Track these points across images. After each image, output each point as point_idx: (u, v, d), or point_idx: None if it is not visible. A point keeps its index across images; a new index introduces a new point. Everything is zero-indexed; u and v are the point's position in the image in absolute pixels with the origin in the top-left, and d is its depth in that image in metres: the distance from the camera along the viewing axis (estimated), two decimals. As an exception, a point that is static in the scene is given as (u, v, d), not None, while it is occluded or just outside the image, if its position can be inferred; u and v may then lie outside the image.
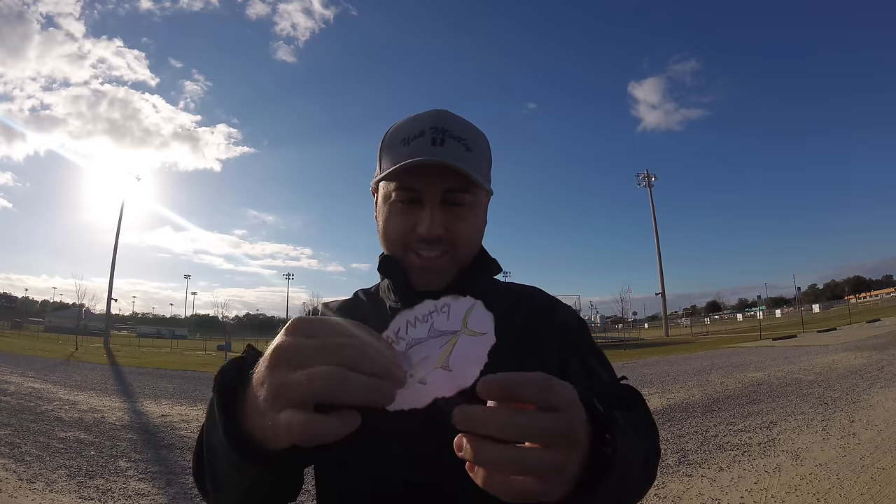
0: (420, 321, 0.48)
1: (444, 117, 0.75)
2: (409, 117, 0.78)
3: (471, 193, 0.74)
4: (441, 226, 0.72)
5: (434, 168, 0.70)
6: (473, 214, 0.77)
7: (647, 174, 54.80)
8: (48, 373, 14.43)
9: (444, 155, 0.70)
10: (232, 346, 37.42)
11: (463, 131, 0.75)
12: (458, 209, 0.74)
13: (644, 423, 0.70)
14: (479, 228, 0.80)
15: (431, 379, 0.45)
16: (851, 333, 19.90)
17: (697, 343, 26.84)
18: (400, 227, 0.75)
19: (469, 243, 0.77)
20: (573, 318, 0.86)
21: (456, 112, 0.78)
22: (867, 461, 4.28)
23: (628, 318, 68.88)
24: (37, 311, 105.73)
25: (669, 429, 6.19)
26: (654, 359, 18.24)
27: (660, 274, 52.19)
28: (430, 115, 0.75)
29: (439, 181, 0.72)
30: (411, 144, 0.72)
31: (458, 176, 0.71)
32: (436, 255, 0.74)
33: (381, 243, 0.80)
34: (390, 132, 0.78)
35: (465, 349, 0.46)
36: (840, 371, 9.85)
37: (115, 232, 51.90)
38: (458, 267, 0.78)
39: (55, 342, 35.87)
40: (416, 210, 0.73)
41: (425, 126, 0.73)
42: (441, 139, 0.72)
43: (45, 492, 4.12)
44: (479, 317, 0.47)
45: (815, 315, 53.19)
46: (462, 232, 0.75)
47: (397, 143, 0.74)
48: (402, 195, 0.74)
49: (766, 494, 3.78)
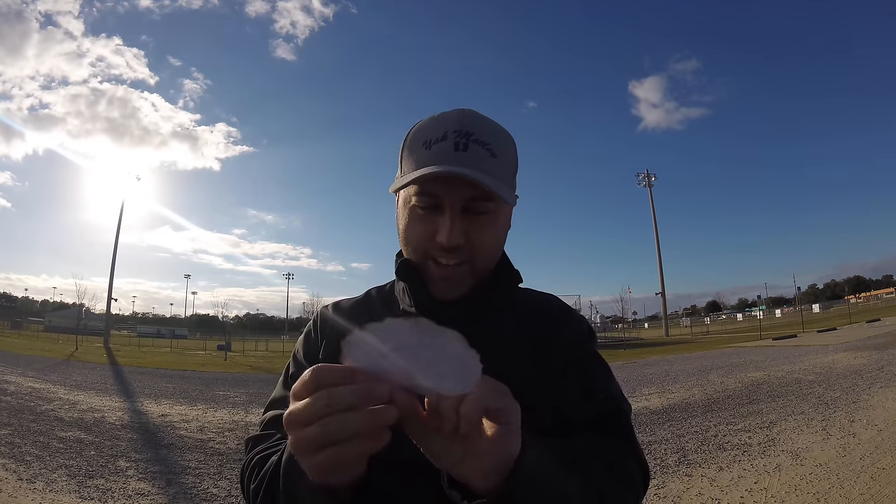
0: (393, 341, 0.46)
1: (469, 119, 0.72)
2: (433, 116, 0.75)
3: (493, 201, 0.71)
4: (461, 235, 0.69)
5: (456, 177, 0.67)
6: (495, 223, 0.73)
7: (647, 174, 54.82)
8: (48, 372, 14.43)
9: (467, 162, 0.67)
10: (232, 346, 37.48)
11: (488, 135, 0.71)
12: (480, 218, 0.71)
13: (613, 454, 0.68)
14: (500, 237, 0.77)
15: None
16: (851, 333, 19.90)
17: (697, 343, 26.84)
18: (419, 234, 0.72)
19: (490, 253, 0.75)
20: (584, 330, 0.84)
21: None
22: (867, 461, 4.28)
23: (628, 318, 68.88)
24: (37, 311, 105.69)
25: (669, 428, 6.19)
26: (654, 358, 18.24)
27: (660, 274, 52.26)
28: (455, 116, 0.72)
29: (461, 189, 0.68)
30: (433, 148, 0.69)
31: (481, 185, 0.68)
32: (455, 264, 0.71)
33: (402, 247, 0.78)
34: (413, 132, 0.75)
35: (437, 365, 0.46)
36: (840, 371, 9.85)
37: (115, 231, 51.89)
38: (477, 276, 0.75)
39: (55, 342, 35.89)
40: (436, 217, 0.70)
41: (448, 129, 0.70)
42: (465, 144, 0.69)
43: (45, 492, 4.12)
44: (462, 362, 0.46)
45: (815, 315, 53.17)
46: (483, 242, 0.72)
47: (419, 146, 0.71)
48: (423, 201, 0.70)
49: (766, 494, 3.78)
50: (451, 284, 0.73)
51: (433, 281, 0.74)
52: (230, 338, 43.80)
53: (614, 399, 0.76)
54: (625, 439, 0.73)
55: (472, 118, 0.72)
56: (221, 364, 22.54)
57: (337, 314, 0.85)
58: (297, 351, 0.85)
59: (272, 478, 0.61)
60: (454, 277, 0.73)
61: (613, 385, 0.79)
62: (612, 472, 0.65)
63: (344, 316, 0.84)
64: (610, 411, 0.74)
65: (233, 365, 22.17)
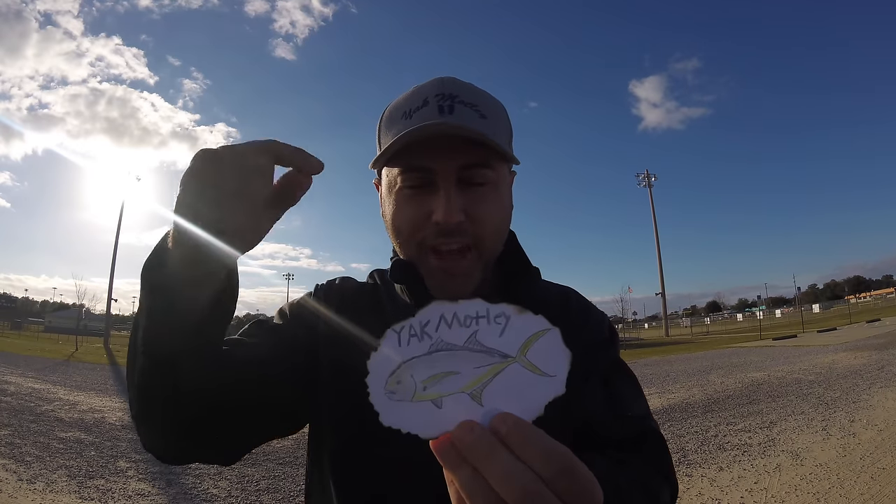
0: (459, 323, 0.35)
1: (451, 83, 0.63)
2: (409, 90, 0.65)
3: (493, 169, 0.61)
4: (460, 210, 0.59)
5: (445, 142, 0.58)
6: (498, 194, 0.63)
7: (647, 174, 54.77)
8: (48, 373, 14.41)
9: (456, 122, 0.58)
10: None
11: (475, 97, 0.62)
12: (479, 189, 0.61)
13: (647, 478, 0.61)
14: (506, 211, 0.66)
15: (450, 404, 0.34)
16: (851, 333, 19.89)
17: (697, 343, 26.82)
18: (411, 219, 0.61)
19: (496, 231, 0.64)
20: (605, 330, 0.75)
21: None
22: (867, 461, 4.28)
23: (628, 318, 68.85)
24: (37, 312, 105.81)
25: (669, 429, 6.18)
26: (654, 359, 18.22)
27: (660, 274, 52.20)
28: (434, 83, 0.63)
29: (453, 156, 0.59)
30: (414, 116, 0.60)
31: (475, 150, 0.59)
32: (457, 249, 0.61)
33: (393, 242, 0.68)
34: (389, 108, 0.66)
35: (514, 386, 0.34)
36: (840, 371, 9.84)
37: (116, 232, 51.79)
38: (486, 262, 0.64)
39: (55, 342, 35.86)
40: (429, 195, 0.60)
41: (429, 94, 0.61)
42: (449, 106, 0.59)
43: (45, 492, 4.11)
44: (549, 350, 0.35)
45: (815, 315, 53.18)
46: (487, 216, 0.61)
47: (398, 119, 0.62)
48: (410, 179, 0.61)
49: (766, 494, 3.78)
50: (459, 281, 0.63)
51: (434, 276, 0.64)
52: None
53: (646, 418, 0.69)
54: (661, 465, 0.65)
55: (454, 82, 0.63)
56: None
57: (342, 296, 0.75)
58: (283, 309, 0.75)
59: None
60: (460, 270, 0.62)
61: (643, 401, 0.71)
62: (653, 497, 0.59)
63: (348, 301, 0.74)
64: (645, 431, 0.67)
65: (233, 365, 22.10)
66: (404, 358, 0.35)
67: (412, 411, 0.34)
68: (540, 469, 0.31)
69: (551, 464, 0.31)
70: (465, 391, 0.34)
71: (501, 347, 0.35)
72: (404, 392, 0.35)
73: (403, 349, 0.35)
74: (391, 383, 0.35)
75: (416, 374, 0.35)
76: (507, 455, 0.31)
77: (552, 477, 0.31)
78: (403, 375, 0.35)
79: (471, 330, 0.35)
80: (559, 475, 0.31)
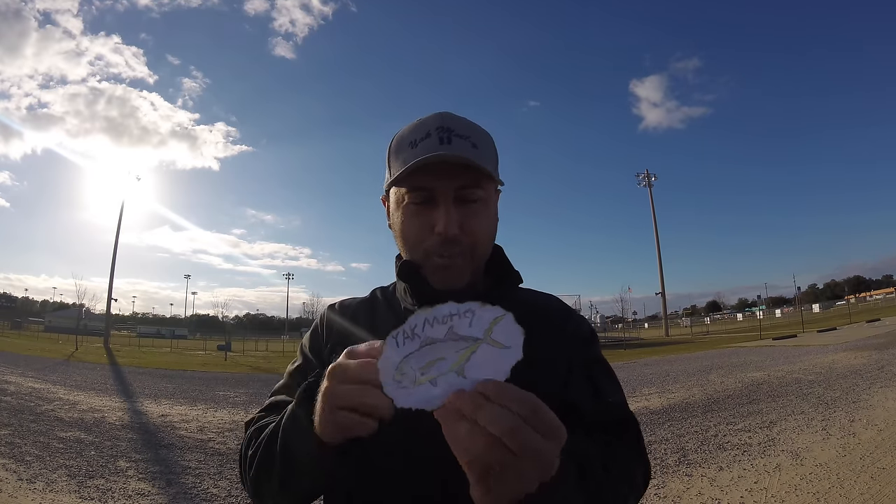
0: (438, 322, 0.47)
1: (449, 118, 0.78)
2: (412, 123, 0.81)
3: (482, 189, 0.76)
4: (457, 224, 0.74)
5: (444, 166, 0.72)
6: (487, 210, 0.79)
7: (647, 174, 54.79)
8: (48, 373, 14.43)
9: (453, 152, 0.72)
10: (232, 346, 37.47)
11: (468, 130, 0.77)
12: (472, 205, 0.76)
13: (626, 459, 0.72)
14: (493, 224, 0.82)
15: (443, 382, 0.47)
16: (851, 333, 19.91)
17: (697, 343, 26.85)
18: (417, 229, 0.76)
19: (486, 240, 0.79)
20: (586, 329, 0.87)
21: (457, 109, 0.81)
22: (867, 461, 4.29)
23: (628, 318, 68.90)
24: (37, 311, 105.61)
25: (669, 428, 6.19)
26: (654, 358, 18.24)
27: (660, 274, 52.22)
28: (434, 117, 0.78)
29: (451, 179, 0.73)
30: (419, 146, 0.74)
31: (469, 173, 0.73)
32: (456, 253, 0.76)
33: (400, 249, 0.82)
34: (396, 138, 0.81)
35: (485, 359, 0.46)
36: (840, 371, 9.86)
37: (115, 231, 51.85)
38: (476, 264, 0.79)
39: (55, 342, 35.90)
40: (431, 210, 0.75)
41: (431, 128, 0.76)
42: (448, 138, 0.74)
43: (45, 492, 4.12)
44: (506, 329, 0.47)
45: (815, 315, 53.17)
46: (478, 228, 0.76)
47: (405, 147, 0.76)
48: (416, 197, 0.75)
49: (766, 494, 3.78)
50: (452, 273, 0.76)
51: (437, 273, 0.77)
52: (230, 338, 43.80)
53: (625, 406, 0.80)
54: (637, 448, 0.77)
55: (451, 117, 0.79)
56: (221, 364, 22.52)
57: (343, 314, 0.89)
58: (303, 344, 0.90)
59: (271, 437, 0.66)
60: (454, 266, 0.76)
61: (621, 394, 0.82)
62: (632, 483, 0.71)
63: (348, 316, 0.88)
64: (626, 418, 0.78)
65: (233, 365, 22.16)
66: (403, 355, 0.48)
67: (416, 393, 0.47)
68: (517, 410, 0.44)
69: (525, 406, 0.44)
70: (452, 370, 0.47)
71: (472, 333, 0.47)
72: (408, 380, 0.47)
73: (401, 348, 0.48)
74: (397, 375, 0.48)
75: (414, 365, 0.47)
76: (491, 405, 0.44)
77: (527, 415, 0.44)
78: (405, 368, 0.48)
79: (448, 325, 0.47)
80: (531, 413, 0.44)
